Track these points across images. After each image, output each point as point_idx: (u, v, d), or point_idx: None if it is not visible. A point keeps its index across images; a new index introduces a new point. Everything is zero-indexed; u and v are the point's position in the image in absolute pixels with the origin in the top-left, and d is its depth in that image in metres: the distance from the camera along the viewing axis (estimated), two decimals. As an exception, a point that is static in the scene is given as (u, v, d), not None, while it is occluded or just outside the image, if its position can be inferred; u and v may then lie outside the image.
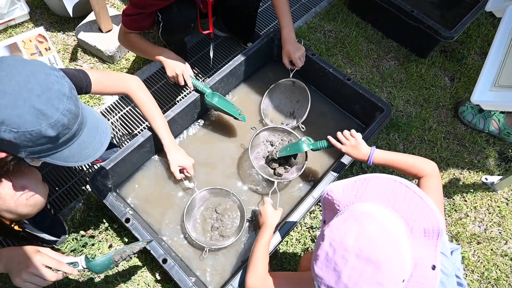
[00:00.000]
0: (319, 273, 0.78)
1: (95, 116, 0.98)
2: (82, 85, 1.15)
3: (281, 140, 1.60)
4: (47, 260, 0.94)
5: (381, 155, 1.25)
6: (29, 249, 0.95)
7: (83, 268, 1.03)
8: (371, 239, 0.74)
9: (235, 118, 1.60)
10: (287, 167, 1.55)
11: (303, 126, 1.66)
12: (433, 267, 0.79)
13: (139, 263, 1.45)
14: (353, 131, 1.34)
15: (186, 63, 1.54)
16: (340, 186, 0.88)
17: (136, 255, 1.25)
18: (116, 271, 1.42)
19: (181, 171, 1.46)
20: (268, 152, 1.61)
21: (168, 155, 1.42)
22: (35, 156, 0.87)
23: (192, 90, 1.56)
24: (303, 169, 1.48)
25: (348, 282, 0.74)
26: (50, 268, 0.95)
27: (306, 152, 1.48)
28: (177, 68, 1.50)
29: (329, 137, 1.38)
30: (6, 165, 0.93)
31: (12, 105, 0.77)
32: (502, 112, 1.82)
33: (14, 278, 0.92)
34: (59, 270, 0.97)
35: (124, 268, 1.44)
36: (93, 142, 0.94)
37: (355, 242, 0.74)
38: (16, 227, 1.18)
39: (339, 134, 1.36)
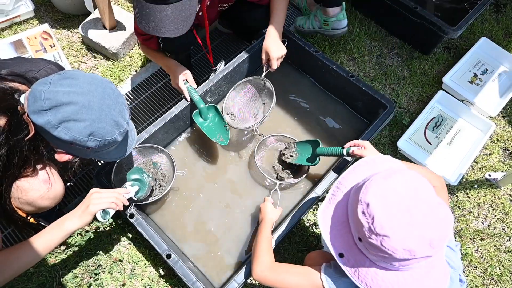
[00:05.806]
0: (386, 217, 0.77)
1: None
2: None
3: (287, 149, 1.58)
4: (101, 189, 1.10)
5: None
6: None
7: (131, 186, 1.22)
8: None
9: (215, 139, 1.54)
10: (289, 172, 1.55)
11: (258, 131, 1.59)
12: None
13: (143, 259, 1.46)
14: (357, 141, 1.31)
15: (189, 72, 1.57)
16: (349, 172, 0.95)
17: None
18: (121, 266, 1.44)
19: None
20: (277, 156, 1.58)
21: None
22: (95, 156, 1.00)
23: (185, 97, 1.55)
24: (307, 173, 1.49)
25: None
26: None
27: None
28: (182, 75, 1.54)
29: (352, 149, 1.28)
30: (71, 166, 1.05)
31: (98, 119, 0.90)
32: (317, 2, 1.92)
33: (89, 208, 1.06)
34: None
35: (128, 264, 1.45)
36: (128, 139, 1.08)
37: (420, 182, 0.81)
38: (31, 220, 1.20)
39: (354, 142, 1.30)
